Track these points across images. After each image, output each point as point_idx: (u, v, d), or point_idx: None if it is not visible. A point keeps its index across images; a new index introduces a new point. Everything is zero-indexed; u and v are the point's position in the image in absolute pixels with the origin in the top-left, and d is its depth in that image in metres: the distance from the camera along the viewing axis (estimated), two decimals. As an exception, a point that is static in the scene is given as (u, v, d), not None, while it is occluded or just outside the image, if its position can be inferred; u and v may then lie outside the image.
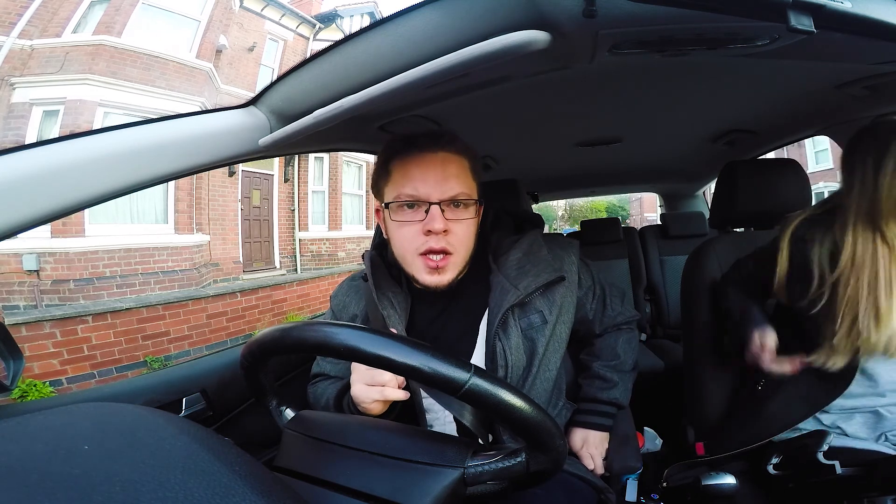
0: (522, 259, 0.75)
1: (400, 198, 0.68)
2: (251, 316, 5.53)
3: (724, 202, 1.17)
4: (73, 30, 5.35)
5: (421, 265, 0.69)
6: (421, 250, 0.68)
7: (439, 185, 0.67)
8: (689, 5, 0.43)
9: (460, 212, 0.69)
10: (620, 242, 2.29)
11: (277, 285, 6.05)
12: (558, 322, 0.76)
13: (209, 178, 6.25)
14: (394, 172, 0.71)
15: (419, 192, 0.67)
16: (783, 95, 1.04)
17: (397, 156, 0.71)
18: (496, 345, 0.70)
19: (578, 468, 0.79)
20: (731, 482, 0.70)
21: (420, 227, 0.67)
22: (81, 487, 0.25)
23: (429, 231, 0.66)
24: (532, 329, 0.73)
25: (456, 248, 0.69)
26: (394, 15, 0.58)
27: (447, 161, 0.69)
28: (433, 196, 0.67)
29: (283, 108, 0.76)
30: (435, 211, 0.66)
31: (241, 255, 6.90)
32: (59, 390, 3.81)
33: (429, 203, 0.67)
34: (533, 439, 0.44)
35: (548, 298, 0.75)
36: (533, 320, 0.73)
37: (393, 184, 0.70)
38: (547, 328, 0.74)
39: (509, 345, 0.70)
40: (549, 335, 0.74)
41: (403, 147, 0.70)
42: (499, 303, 0.71)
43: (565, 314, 0.78)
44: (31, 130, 5.01)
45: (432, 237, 0.67)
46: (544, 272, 0.74)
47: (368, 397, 0.59)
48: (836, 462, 0.48)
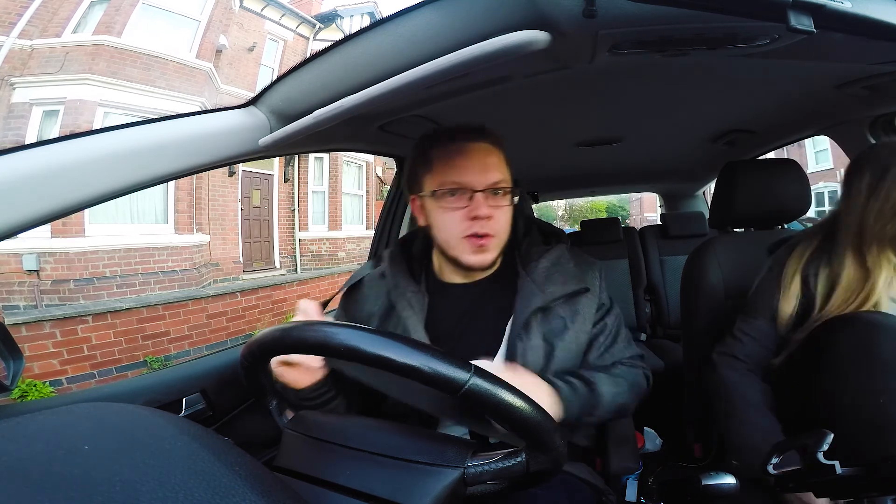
0: (551, 268, 0.79)
1: (445, 185, 0.73)
2: (251, 316, 5.53)
3: (723, 202, 1.17)
4: (73, 30, 5.35)
5: (466, 247, 0.74)
6: (466, 234, 0.73)
7: (482, 174, 0.72)
8: (689, 5, 0.43)
9: (499, 199, 0.74)
10: (620, 242, 2.29)
11: (277, 285, 6.05)
12: (579, 332, 0.78)
13: (209, 178, 6.25)
14: (436, 162, 0.75)
15: (463, 180, 0.72)
16: (783, 95, 1.04)
17: (438, 147, 0.75)
18: (517, 344, 0.73)
19: (578, 468, 0.79)
20: (731, 482, 0.70)
21: (464, 212, 0.72)
22: (81, 487, 0.25)
23: (474, 217, 0.72)
24: (552, 334, 0.75)
25: (497, 231, 0.74)
26: (394, 15, 0.58)
27: (488, 151, 0.74)
28: (476, 184, 0.72)
29: (283, 108, 0.76)
30: (479, 198, 0.72)
31: (241, 255, 6.90)
32: (59, 390, 3.81)
33: (472, 190, 0.72)
34: (533, 439, 0.44)
35: (571, 307, 0.78)
36: (555, 326, 0.76)
37: (436, 173, 0.74)
38: (567, 335, 0.76)
39: (529, 345, 0.73)
40: (568, 341, 0.76)
41: (445, 138, 0.75)
42: (525, 305, 0.74)
43: (585, 324, 0.79)
44: (31, 130, 5.01)
45: (477, 222, 0.72)
46: (571, 282, 0.77)
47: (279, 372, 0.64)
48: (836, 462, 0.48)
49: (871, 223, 0.76)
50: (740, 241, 1.10)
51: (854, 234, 0.78)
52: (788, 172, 1.09)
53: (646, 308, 2.24)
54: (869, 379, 0.65)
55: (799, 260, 0.85)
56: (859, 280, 0.77)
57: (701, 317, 1.09)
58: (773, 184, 1.09)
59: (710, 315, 1.07)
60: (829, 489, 0.50)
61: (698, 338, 1.10)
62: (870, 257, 0.76)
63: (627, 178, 2.33)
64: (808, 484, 0.51)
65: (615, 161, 1.85)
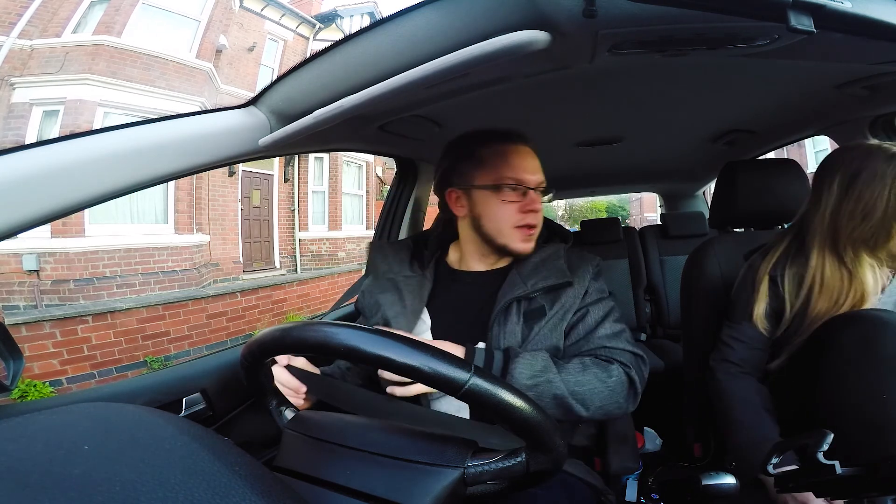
0: (539, 264, 0.84)
1: (503, 180, 0.80)
2: (251, 316, 5.52)
3: (723, 202, 1.17)
4: (73, 30, 5.34)
5: (518, 235, 0.82)
6: (519, 224, 0.81)
7: (535, 173, 0.82)
8: (689, 5, 0.43)
9: (540, 197, 0.84)
10: (620, 242, 2.29)
11: (277, 285, 6.05)
12: (560, 320, 0.80)
13: (209, 178, 6.25)
14: (487, 159, 0.82)
15: (522, 177, 0.81)
16: (783, 95, 1.04)
17: (489, 145, 0.83)
18: (494, 328, 0.78)
19: (578, 468, 0.79)
20: (731, 482, 0.70)
21: (520, 206, 0.81)
22: (81, 487, 0.25)
23: (529, 210, 0.81)
24: (532, 318, 0.80)
25: (539, 224, 0.85)
26: (394, 15, 0.58)
27: (534, 155, 0.85)
28: (531, 182, 0.81)
29: (283, 108, 0.76)
30: (534, 195, 0.81)
31: (241, 255, 6.90)
32: (59, 390, 3.81)
33: (526, 187, 0.81)
34: (533, 439, 0.44)
35: (552, 298, 0.82)
36: (535, 311, 0.81)
37: (490, 169, 0.82)
38: (545, 321, 0.80)
39: (506, 329, 0.78)
40: (545, 325, 0.79)
41: (498, 138, 0.84)
42: (506, 294, 0.80)
43: (567, 314, 0.81)
44: (31, 130, 5.01)
45: (530, 215, 0.81)
46: (553, 276, 0.82)
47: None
48: (836, 462, 0.48)
49: (844, 225, 0.77)
50: (740, 241, 1.10)
51: (827, 236, 0.79)
52: (788, 172, 1.09)
53: (646, 308, 2.24)
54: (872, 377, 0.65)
55: (768, 262, 0.87)
56: (843, 280, 0.77)
57: (701, 317, 1.09)
58: (773, 184, 1.09)
59: (710, 315, 1.07)
60: (828, 489, 0.50)
61: (698, 338, 1.10)
62: (847, 258, 0.78)
63: (627, 178, 2.32)
64: (808, 484, 0.51)
65: (615, 161, 1.84)
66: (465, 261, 0.89)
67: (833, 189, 0.79)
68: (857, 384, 0.66)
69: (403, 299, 0.84)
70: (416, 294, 0.84)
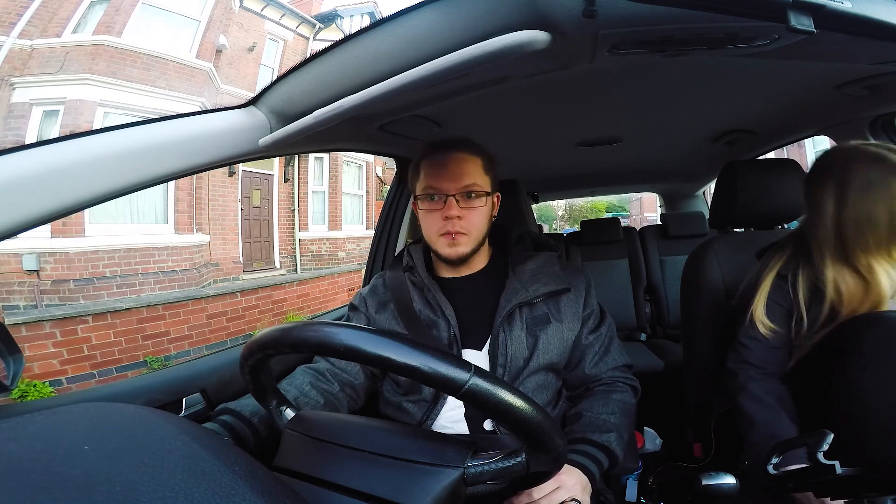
0: (536, 270, 0.87)
1: (425, 190, 0.84)
2: (251, 316, 5.52)
3: (723, 202, 1.17)
4: (73, 30, 5.35)
5: (443, 242, 0.84)
6: (441, 231, 0.83)
7: (455, 180, 0.82)
8: (689, 5, 0.43)
9: (472, 201, 0.83)
10: (620, 242, 2.29)
11: (277, 285, 6.04)
12: (563, 329, 0.84)
13: (209, 178, 6.25)
14: (422, 170, 0.86)
15: (438, 185, 0.82)
16: (783, 95, 1.04)
17: (425, 157, 0.86)
18: (500, 336, 0.80)
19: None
20: (731, 482, 0.70)
21: (440, 213, 0.82)
22: (81, 487, 0.25)
23: (447, 217, 0.81)
24: (536, 325, 0.82)
25: (469, 229, 0.83)
26: (394, 15, 0.58)
27: (461, 160, 0.83)
28: (450, 189, 0.81)
29: (283, 108, 0.76)
30: (451, 201, 0.81)
31: (241, 255, 6.90)
32: (59, 390, 3.81)
33: (446, 194, 0.81)
34: (533, 439, 0.44)
35: (553, 304, 0.85)
36: (539, 318, 0.83)
37: (421, 179, 0.85)
38: (550, 328, 0.83)
39: (511, 336, 0.80)
40: (551, 335, 0.82)
41: (430, 150, 0.86)
42: (509, 300, 0.82)
43: (570, 322, 0.85)
44: (31, 130, 5.01)
45: (449, 222, 0.82)
46: (553, 282, 0.85)
47: None
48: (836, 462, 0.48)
49: (851, 235, 0.76)
50: (740, 241, 1.10)
51: (836, 246, 0.78)
52: (788, 172, 1.09)
53: (646, 308, 2.24)
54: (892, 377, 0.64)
55: (777, 261, 0.87)
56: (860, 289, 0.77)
57: (701, 317, 1.09)
58: (773, 184, 1.09)
59: (710, 315, 1.07)
60: (829, 489, 0.50)
61: (698, 338, 1.10)
62: (861, 267, 0.77)
63: (628, 178, 2.33)
64: (808, 484, 0.51)
65: (615, 161, 1.85)
66: (438, 267, 0.91)
67: (827, 198, 0.78)
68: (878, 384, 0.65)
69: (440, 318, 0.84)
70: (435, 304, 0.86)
